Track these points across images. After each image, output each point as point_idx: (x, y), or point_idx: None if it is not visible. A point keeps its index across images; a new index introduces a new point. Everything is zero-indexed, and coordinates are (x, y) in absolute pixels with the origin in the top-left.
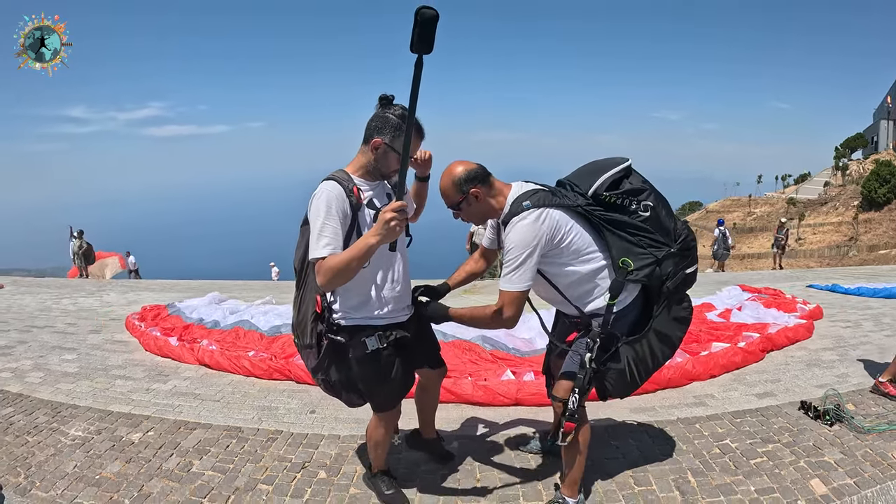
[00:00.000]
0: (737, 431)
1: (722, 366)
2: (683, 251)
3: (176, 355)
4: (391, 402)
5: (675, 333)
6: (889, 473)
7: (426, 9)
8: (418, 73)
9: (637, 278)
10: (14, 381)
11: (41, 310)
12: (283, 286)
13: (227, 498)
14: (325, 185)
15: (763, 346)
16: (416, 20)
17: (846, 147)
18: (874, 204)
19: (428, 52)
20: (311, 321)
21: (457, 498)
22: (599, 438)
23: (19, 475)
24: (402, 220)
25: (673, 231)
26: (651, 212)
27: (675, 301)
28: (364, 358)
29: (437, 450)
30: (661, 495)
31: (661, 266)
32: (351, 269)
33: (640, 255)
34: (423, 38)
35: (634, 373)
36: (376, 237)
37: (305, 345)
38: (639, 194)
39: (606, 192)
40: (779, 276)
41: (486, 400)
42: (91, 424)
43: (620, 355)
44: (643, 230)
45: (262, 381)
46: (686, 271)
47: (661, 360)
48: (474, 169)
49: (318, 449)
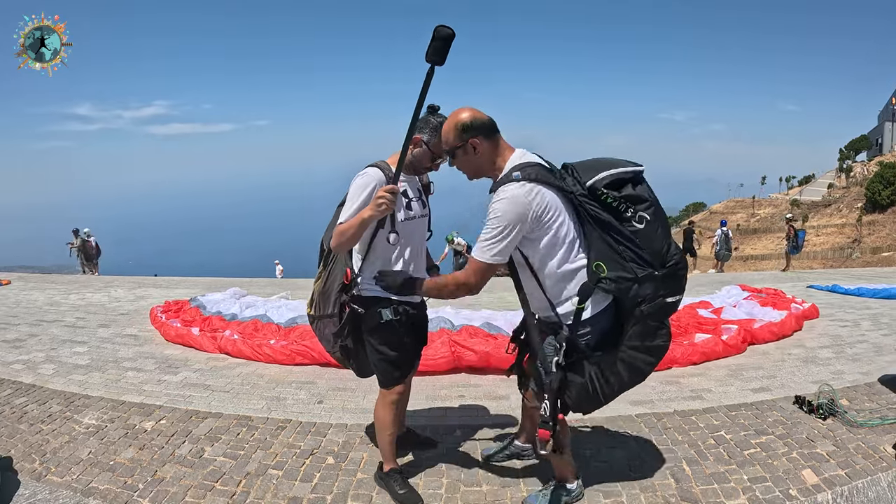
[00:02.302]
0: (732, 424)
1: (702, 353)
2: (668, 277)
3: (197, 344)
4: (398, 376)
5: (646, 362)
6: (880, 465)
7: (444, 27)
8: (428, 81)
9: (607, 287)
10: (27, 372)
11: (50, 305)
12: (288, 283)
13: (238, 482)
14: (369, 170)
15: (744, 339)
16: (434, 35)
17: (850, 149)
18: (878, 206)
19: (440, 64)
20: (336, 291)
21: (460, 483)
22: (597, 429)
23: (34, 461)
24: (391, 201)
25: (664, 254)
26: (646, 225)
27: (651, 328)
28: (378, 327)
29: (414, 439)
30: (657, 482)
31: (640, 286)
32: (348, 235)
33: (618, 265)
34: (438, 51)
35: (597, 389)
36: (369, 212)
37: (327, 314)
38: (638, 203)
39: (605, 188)
40: (780, 277)
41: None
42: (104, 413)
43: (584, 369)
44: (630, 242)
45: (271, 374)
46: (667, 299)
47: (627, 384)
48: (481, 118)
49: (326, 437)
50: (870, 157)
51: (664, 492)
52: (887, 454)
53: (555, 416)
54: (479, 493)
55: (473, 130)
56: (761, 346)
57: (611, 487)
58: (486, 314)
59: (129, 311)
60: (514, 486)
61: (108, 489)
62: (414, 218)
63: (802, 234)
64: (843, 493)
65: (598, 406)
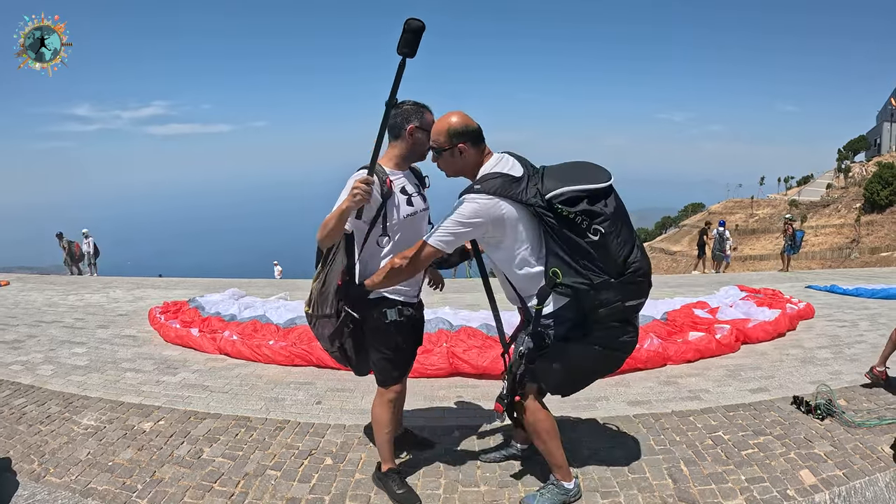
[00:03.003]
0: (729, 424)
1: (696, 350)
2: (626, 284)
3: (197, 345)
4: (397, 375)
5: (614, 356)
6: (878, 466)
7: (414, 20)
8: (400, 72)
9: (563, 292)
10: (25, 373)
11: (49, 305)
12: (287, 284)
13: (237, 483)
14: (363, 171)
15: (737, 338)
16: (405, 28)
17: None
18: (876, 206)
19: (411, 56)
20: (333, 292)
21: (458, 483)
22: (595, 429)
23: (33, 462)
24: (366, 192)
25: (621, 263)
26: (601, 238)
27: (614, 330)
28: (381, 327)
29: (412, 440)
30: (654, 482)
31: (597, 292)
32: (329, 227)
33: (574, 272)
34: (409, 43)
35: (569, 374)
36: (346, 203)
37: (324, 314)
38: (594, 217)
39: (561, 204)
40: (779, 278)
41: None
42: (103, 414)
43: (554, 357)
44: (584, 253)
45: (270, 374)
46: (626, 303)
47: (600, 372)
48: (472, 126)
49: (324, 437)
50: (868, 158)
51: (662, 492)
52: (885, 454)
53: (511, 395)
54: (476, 493)
55: (464, 136)
56: (759, 346)
57: (608, 488)
58: (485, 314)
59: (128, 312)
60: (511, 487)
61: (106, 490)
62: (416, 213)
63: (801, 235)
64: (840, 493)
65: (573, 390)
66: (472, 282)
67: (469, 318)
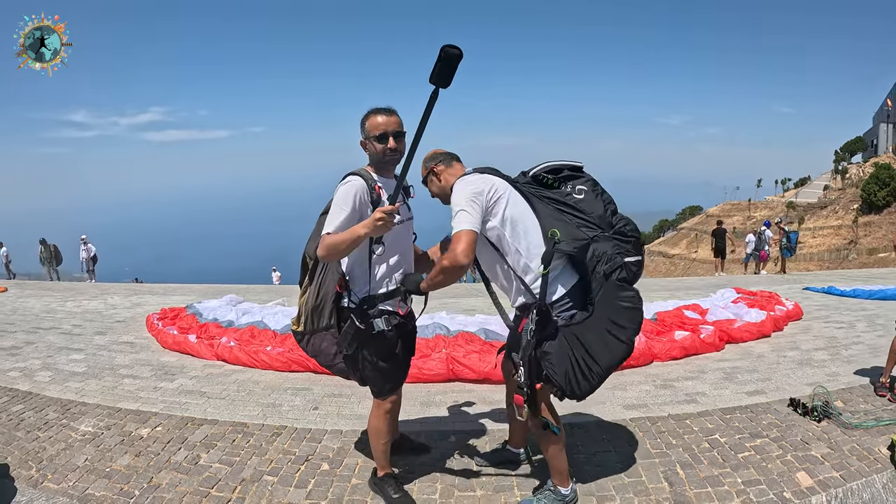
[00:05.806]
0: (726, 427)
1: (681, 348)
2: (620, 238)
3: (195, 351)
4: (391, 387)
5: (619, 328)
6: (875, 467)
7: (450, 48)
8: (432, 104)
9: (566, 248)
10: (23, 379)
11: (47, 312)
12: (285, 290)
13: (233, 489)
14: (352, 178)
15: (720, 337)
16: (440, 56)
17: (846, 151)
18: (874, 207)
19: (445, 87)
20: (331, 302)
21: (454, 488)
22: (592, 433)
23: (31, 468)
24: (389, 221)
25: (608, 217)
26: (585, 195)
27: (615, 288)
28: (370, 338)
29: (408, 444)
30: (651, 486)
31: (596, 244)
32: (340, 249)
33: (569, 229)
34: (444, 74)
35: (579, 362)
36: (364, 230)
37: (322, 328)
38: (576, 179)
39: (546, 174)
40: (777, 280)
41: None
42: (100, 420)
43: (562, 340)
44: (574, 209)
45: (267, 380)
46: (626, 259)
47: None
48: (440, 152)
49: (321, 443)
50: (865, 159)
51: (658, 495)
52: (882, 456)
53: (532, 384)
54: (473, 497)
55: (434, 159)
56: (756, 348)
57: (605, 491)
58: (482, 319)
59: (126, 319)
60: (507, 491)
61: (104, 496)
62: (403, 221)
63: (795, 236)
64: (837, 495)
65: (588, 385)
66: (467, 287)
67: (466, 323)
